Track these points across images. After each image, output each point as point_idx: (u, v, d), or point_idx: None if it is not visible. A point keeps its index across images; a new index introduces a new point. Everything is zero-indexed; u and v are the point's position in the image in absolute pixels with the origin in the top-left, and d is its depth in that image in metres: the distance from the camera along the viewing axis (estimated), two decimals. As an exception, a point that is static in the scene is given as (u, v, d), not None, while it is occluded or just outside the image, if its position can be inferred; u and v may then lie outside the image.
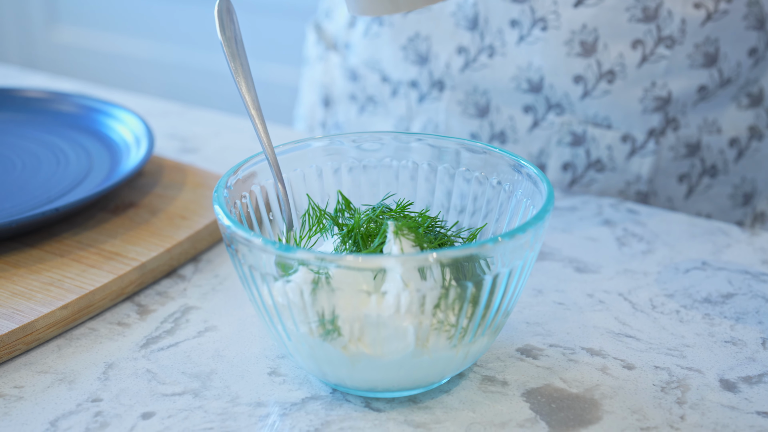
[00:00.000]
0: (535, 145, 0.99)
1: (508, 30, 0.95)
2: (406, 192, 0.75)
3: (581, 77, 0.94)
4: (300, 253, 0.59)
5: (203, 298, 0.77)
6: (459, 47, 0.98)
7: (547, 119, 0.97)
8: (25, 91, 1.04)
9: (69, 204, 0.80)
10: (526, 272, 0.64)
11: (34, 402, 0.66)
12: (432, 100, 1.01)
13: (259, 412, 0.65)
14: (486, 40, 0.96)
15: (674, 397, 0.66)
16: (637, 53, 0.93)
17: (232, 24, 0.72)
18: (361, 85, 1.06)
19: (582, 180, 0.99)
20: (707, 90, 0.95)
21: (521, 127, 0.98)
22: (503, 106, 0.98)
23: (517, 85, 0.97)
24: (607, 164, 0.97)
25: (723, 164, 0.98)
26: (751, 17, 0.93)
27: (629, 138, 0.96)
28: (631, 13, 0.92)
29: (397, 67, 1.03)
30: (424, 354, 0.62)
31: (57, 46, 3.13)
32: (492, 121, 0.99)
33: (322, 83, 1.12)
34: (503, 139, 0.99)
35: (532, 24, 0.93)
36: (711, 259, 0.83)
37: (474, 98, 0.99)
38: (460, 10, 0.96)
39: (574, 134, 0.97)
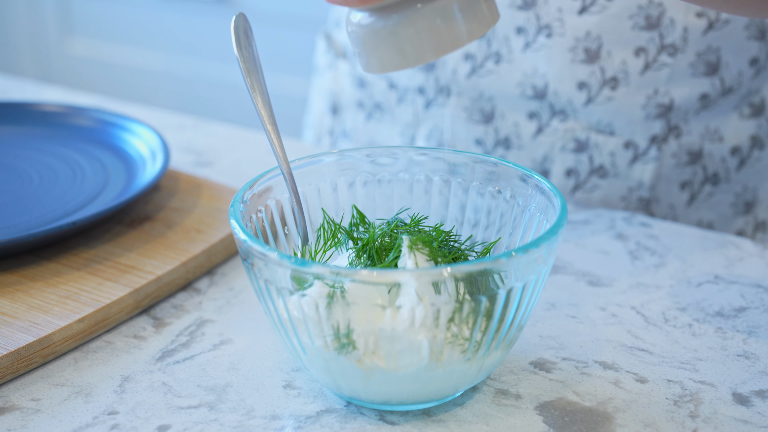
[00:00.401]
0: (539, 151, 0.99)
1: (514, 37, 0.96)
2: (419, 206, 0.75)
3: (585, 84, 0.95)
4: (315, 268, 0.60)
5: (218, 312, 0.78)
6: (466, 54, 0.99)
7: (551, 125, 0.98)
8: (41, 105, 1.05)
9: (86, 218, 0.81)
10: (539, 286, 0.64)
11: (51, 415, 0.66)
12: (438, 107, 1.02)
13: (274, 425, 0.65)
14: (493, 46, 0.97)
15: (687, 410, 0.66)
16: (639, 60, 0.94)
17: (248, 40, 0.73)
18: (368, 92, 1.07)
19: (585, 186, 0.99)
20: (709, 98, 0.95)
21: (525, 133, 0.99)
22: (508, 113, 0.99)
23: (522, 91, 0.98)
24: (609, 170, 0.98)
25: (725, 172, 0.99)
26: (753, 27, 0.94)
27: (632, 144, 0.97)
28: (635, 20, 0.93)
29: (404, 74, 1.04)
30: (438, 367, 0.63)
31: (71, 58, 3.15)
32: (497, 127, 1.00)
33: (331, 91, 1.13)
34: (508, 145, 1.00)
35: (537, 31, 0.94)
36: (723, 273, 0.83)
37: (479, 104, 1.00)
38: None
39: (577, 141, 0.98)
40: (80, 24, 3.12)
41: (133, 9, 2.97)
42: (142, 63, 3.01)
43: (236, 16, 0.73)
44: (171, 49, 2.95)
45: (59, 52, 3.17)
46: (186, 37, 2.89)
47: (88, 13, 3.09)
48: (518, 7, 0.95)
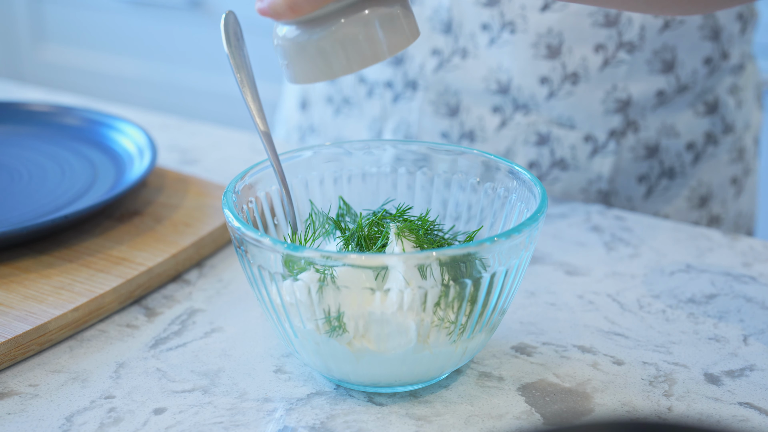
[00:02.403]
0: (503, 144, 1.03)
1: (479, 33, 0.99)
2: (403, 199, 0.78)
3: (547, 79, 0.99)
4: (308, 252, 0.62)
5: (208, 301, 0.80)
6: (433, 49, 1.02)
7: (514, 119, 1.01)
8: (28, 104, 1.07)
9: (78, 211, 0.83)
10: (521, 271, 0.67)
11: (49, 399, 0.68)
12: (406, 100, 1.05)
13: (266, 407, 0.67)
14: (459, 42, 1.00)
15: (662, 390, 0.69)
16: (599, 57, 0.97)
17: (237, 37, 0.75)
18: (337, 87, 1.10)
19: (546, 178, 1.03)
20: (665, 95, 0.99)
21: (489, 126, 1.03)
22: (473, 107, 1.02)
23: (487, 86, 1.01)
24: (570, 163, 1.02)
25: (680, 167, 1.03)
26: (707, 28, 0.98)
27: (591, 138, 1.01)
28: (594, 18, 0.96)
29: (374, 68, 1.07)
30: (425, 349, 0.65)
31: (44, 64, 3.15)
32: (462, 121, 1.03)
33: (301, 86, 1.15)
34: (472, 138, 1.03)
35: (502, 27, 0.98)
36: (694, 262, 0.86)
37: (445, 98, 1.03)
38: (436, 15, 1.01)
39: (539, 134, 1.01)
40: (52, 30, 3.12)
41: (106, 15, 2.98)
42: (115, 69, 3.02)
43: (226, 14, 0.75)
44: (144, 56, 2.96)
45: (31, 59, 3.18)
46: (159, 43, 2.91)
47: (60, 19, 3.10)
48: (483, 4, 0.98)
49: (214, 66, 2.80)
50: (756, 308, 0.79)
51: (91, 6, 3.00)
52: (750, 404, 0.67)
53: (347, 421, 0.66)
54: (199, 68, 2.85)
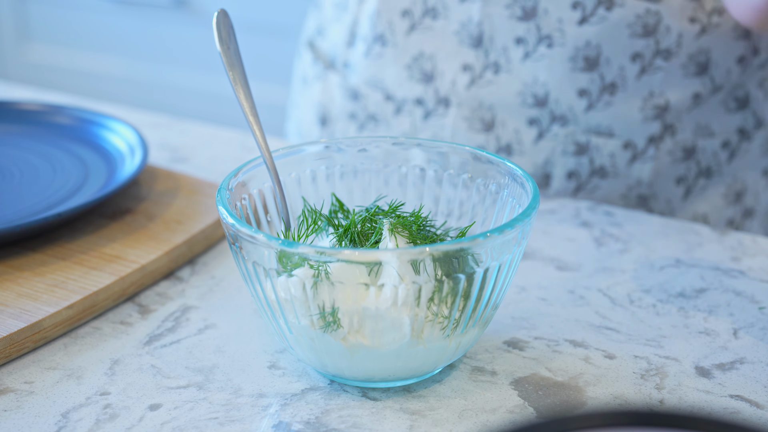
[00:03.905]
0: (540, 156, 1.02)
1: (513, 47, 0.98)
2: (395, 196, 0.79)
3: (585, 91, 0.98)
4: (302, 248, 0.63)
5: (201, 298, 0.81)
6: (464, 65, 1.01)
7: (552, 131, 1.01)
8: (18, 103, 1.07)
9: (71, 209, 0.83)
10: (514, 267, 0.68)
11: (45, 396, 0.69)
12: (438, 117, 1.04)
13: (261, 403, 0.68)
14: (491, 57, 0.99)
15: (653, 383, 0.70)
16: (636, 66, 0.97)
17: (229, 35, 0.75)
18: (362, 104, 1.09)
19: (586, 187, 1.02)
20: (701, 97, 1.00)
21: (526, 139, 1.02)
22: (508, 120, 1.01)
23: (523, 100, 1.00)
24: (609, 171, 1.02)
25: (717, 165, 1.03)
26: (740, 28, 0.98)
27: (630, 145, 1.01)
28: (632, 29, 0.96)
29: (402, 86, 1.05)
30: (419, 344, 0.66)
31: (28, 64, 3.15)
32: (498, 135, 1.02)
33: (320, 102, 1.14)
34: (509, 151, 1.02)
35: (538, 41, 0.97)
36: (684, 257, 0.87)
37: (480, 113, 1.02)
38: (464, 29, 1.00)
39: (577, 144, 1.01)
40: (37, 29, 3.11)
41: (91, 14, 2.98)
42: (101, 68, 3.02)
43: (218, 12, 0.75)
44: (130, 55, 2.96)
45: (16, 58, 3.17)
46: (144, 42, 2.90)
47: (44, 18, 3.09)
48: (518, 18, 0.97)
49: (200, 64, 2.80)
50: (745, 302, 0.80)
51: (75, 5, 2.99)
52: (740, 396, 0.68)
53: (342, 416, 0.66)
54: (185, 67, 2.85)
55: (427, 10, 1.00)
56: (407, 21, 1.02)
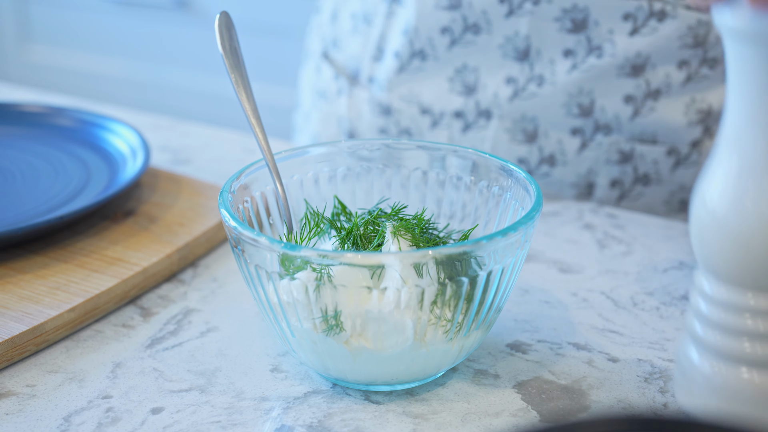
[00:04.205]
0: (584, 166, 1.01)
1: (560, 60, 0.98)
2: (398, 198, 0.78)
3: (631, 97, 0.98)
4: (305, 251, 0.63)
5: (203, 301, 0.80)
6: (507, 78, 1.00)
7: (595, 140, 1.00)
8: (20, 105, 1.06)
9: (73, 212, 0.83)
10: (517, 269, 0.67)
11: (46, 399, 0.68)
12: (478, 129, 1.03)
13: (263, 406, 0.68)
14: (536, 69, 0.98)
15: (657, 386, 0.69)
16: (682, 73, 0.97)
17: (231, 37, 0.75)
18: (394, 119, 1.07)
19: (630, 195, 1.01)
20: None
21: (570, 149, 1.01)
22: (551, 131, 1.00)
23: (568, 110, 0.99)
24: (653, 178, 1.01)
25: None
26: None
27: (674, 151, 1.00)
28: (683, 41, 0.95)
29: (441, 99, 1.04)
30: (422, 347, 0.66)
31: (30, 65, 3.15)
32: (541, 146, 1.01)
33: (347, 118, 1.12)
34: (552, 162, 1.01)
35: (588, 53, 0.96)
36: (687, 259, 0.87)
37: (522, 125, 1.01)
38: (509, 43, 0.99)
39: (621, 152, 1.00)
40: (38, 31, 3.11)
41: (92, 15, 2.98)
42: (102, 69, 3.02)
43: (220, 14, 0.75)
44: (131, 56, 2.96)
45: (17, 59, 3.17)
46: (145, 43, 2.90)
47: (46, 19, 3.09)
48: (568, 30, 0.96)
49: (201, 66, 2.80)
50: (748, 305, 0.80)
51: (76, 6, 2.99)
52: (744, 400, 0.68)
53: (344, 420, 0.66)
54: (186, 68, 2.85)
55: (468, 26, 0.99)
56: (447, 37, 1.01)
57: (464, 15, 0.99)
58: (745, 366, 0.59)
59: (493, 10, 0.98)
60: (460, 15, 0.99)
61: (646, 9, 0.95)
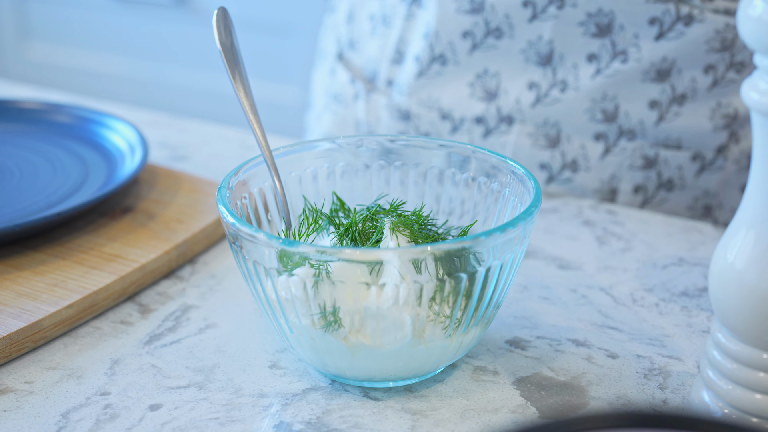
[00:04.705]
0: (607, 171, 1.00)
1: (584, 64, 0.97)
2: (396, 195, 0.78)
3: (656, 102, 0.97)
4: (303, 248, 0.62)
5: (202, 298, 0.80)
6: (530, 83, 0.99)
7: (619, 145, 0.99)
8: (18, 102, 1.06)
9: (71, 208, 0.82)
10: (516, 266, 0.67)
11: (44, 396, 0.68)
12: (500, 134, 1.02)
13: (262, 403, 0.67)
14: (558, 75, 0.98)
15: (656, 383, 0.69)
16: (708, 78, 0.96)
17: (229, 33, 0.75)
18: (413, 124, 1.06)
19: (653, 200, 1.01)
20: None
21: (593, 155, 1.00)
22: (574, 136, 1.00)
23: (592, 116, 0.99)
24: (677, 183, 1.00)
25: None
26: None
27: (699, 156, 0.99)
28: (710, 45, 0.95)
29: (461, 104, 1.03)
30: (420, 344, 0.65)
31: (29, 62, 3.14)
32: (563, 151, 1.00)
33: (365, 122, 1.11)
34: (575, 167, 1.00)
35: (612, 57, 0.95)
36: (687, 256, 0.87)
37: (544, 130, 1.00)
38: (531, 47, 0.98)
39: (645, 158, 0.99)
40: (37, 28, 3.11)
41: (91, 12, 2.97)
42: (101, 67, 3.01)
43: (218, 10, 0.75)
44: (129, 53, 2.95)
45: (16, 57, 3.16)
46: (144, 40, 2.90)
47: (45, 17, 3.09)
48: (592, 35, 0.96)
49: (200, 63, 2.80)
50: (748, 301, 0.79)
51: (75, 3, 2.99)
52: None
53: (343, 416, 0.66)
54: (185, 65, 2.84)
55: (490, 30, 0.98)
56: (469, 41, 1.00)
57: (486, 19, 0.98)
58: (756, 419, 0.60)
59: (516, 14, 0.97)
60: (482, 19, 0.98)
61: (673, 13, 0.94)
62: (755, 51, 0.56)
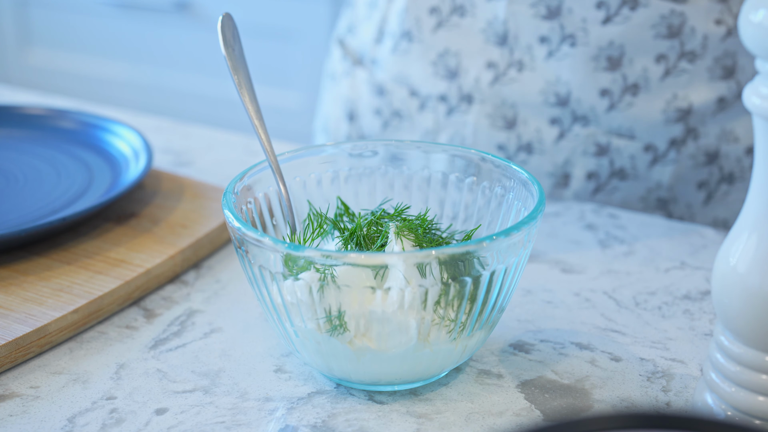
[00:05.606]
0: (561, 156, 1.02)
1: (537, 46, 0.98)
2: (400, 199, 0.78)
3: (607, 91, 0.98)
4: (308, 252, 0.63)
5: (207, 302, 0.81)
6: (488, 62, 1.01)
7: (573, 131, 1.00)
8: (22, 108, 1.07)
9: (76, 213, 0.83)
10: (520, 269, 0.68)
11: (50, 401, 0.69)
12: (460, 113, 1.04)
13: (267, 407, 0.68)
14: (515, 55, 0.99)
15: (660, 385, 0.70)
16: (660, 67, 0.97)
17: (234, 38, 0.75)
18: (387, 100, 1.08)
19: (605, 188, 1.02)
20: (726, 101, 0.99)
21: (547, 138, 1.01)
22: (530, 119, 1.01)
23: (545, 98, 1.00)
24: (629, 173, 1.01)
25: (740, 171, 1.02)
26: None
27: (651, 148, 1.00)
28: (657, 30, 0.96)
29: (427, 82, 1.05)
30: (425, 347, 0.66)
31: (30, 68, 3.15)
32: (519, 133, 1.02)
33: (349, 98, 1.14)
34: (530, 150, 1.02)
35: (561, 40, 0.97)
36: (689, 259, 0.87)
37: (502, 111, 1.02)
38: (490, 27, 0.99)
39: (598, 145, 1.00)
40: (39, 34, 3.12)
41: (92, 18, 2.98)
42: (102, 72, 3.02)
43: (222, 16, 0.75)
44: (132, 59, 2.96)
45: (18, 62, 3.17)
46: (146, 46, 2.91)
47: (46, 23, 3.09)
48: (543, 17, 0.97)
49: (202, 68, 2.80)
50: (751, 304, 0.80)
51: (77, 9, 2.99)
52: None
53: (348, 420, 0.66)
54: (187, 71, 2.85)
55: (456, 7, 1.00)
56: (435, 18, 1.02)
57: None
58: (759, 421, 0.61)
59: None
60: None
61: None
62: (757, 56, 0.56)
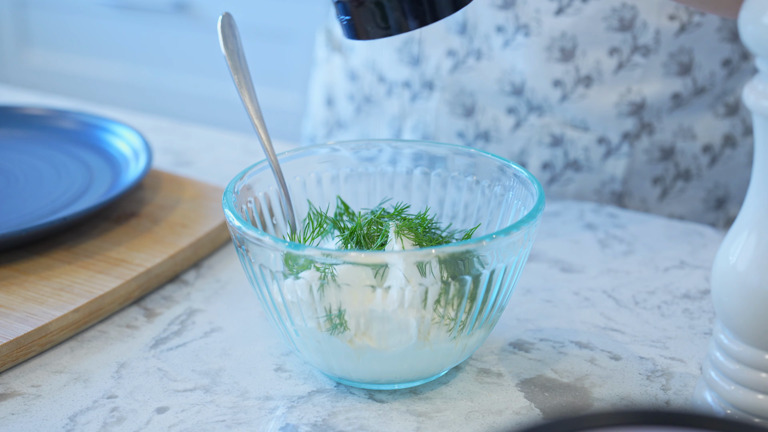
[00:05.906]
0: (517, 145, 1.03)
1: (494, 35, 1.00)
2: (400, 199, 0.79)
3: (560, 82, 0.99)
4: (308, 251, 0.63)
5: (207, 302, 0.81)
6: (449, 50, 1.03)
7: (528, 120, 1.02)
8: (23, 108, 1.07)
9: (76, 213, 0.83)
10: (519, 268, 0.68)
11: (52, 399, 0.69)
12: (423, 100, 1.05)
13: (268, 405, 0.68)
14: (474, 43, 1.00)
15: (659, 384, 0.70)
16: (613, 60, 0.98)
17: (234, 38, 0.76)
18: (359, 85, 1.10)
19: (560, 179, 1.03)
20: (681, 97, 0.99)
21: (504, 127, 1.03)
22: (488, 107, 1.03)
23: (501, 87, 1.01)
24: (583, 165, 1.02)
25: (697, 169, 1.03)
26: (725, 30, 0.98)
27: (604, 140, 1.01)
28: (608, 22, 0.97)
29: (392, 68, 1.07)
30: (425, 346, 0.66)
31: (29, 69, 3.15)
32: (477, 121, 1.03)
33: (327, 83, 1.16)
34: (487, 138, 1.04)
35: (516, 30, 0.98)
36: (688, 259, 0.87)
37: (461, 99, 1.03)
38: (451, 16, 1.01)
39: (553, 135, 1.02)
40: (37, 35, 3.12)
41: (91, 19, 2.98)
42: (101, 73, 3.02)
43: (222, 15, 0.76)
44: (131, 60, 2.96)
45: (16, 63, 3.17)
46: (145, 47, 2.91)
47: (45, 24, 3.09)
48: (498, 6, 0.99)
49: (201, 69, 2.80)
50: (749, 303, 0.80)
51: (75, 10, 2.99)
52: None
53: (348, 418, 0.66)
54: (186, 71, 2.85)
55: None
56: None
57: None
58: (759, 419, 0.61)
59: None
60: None
61: None
62: (757, 55, 0.56)
